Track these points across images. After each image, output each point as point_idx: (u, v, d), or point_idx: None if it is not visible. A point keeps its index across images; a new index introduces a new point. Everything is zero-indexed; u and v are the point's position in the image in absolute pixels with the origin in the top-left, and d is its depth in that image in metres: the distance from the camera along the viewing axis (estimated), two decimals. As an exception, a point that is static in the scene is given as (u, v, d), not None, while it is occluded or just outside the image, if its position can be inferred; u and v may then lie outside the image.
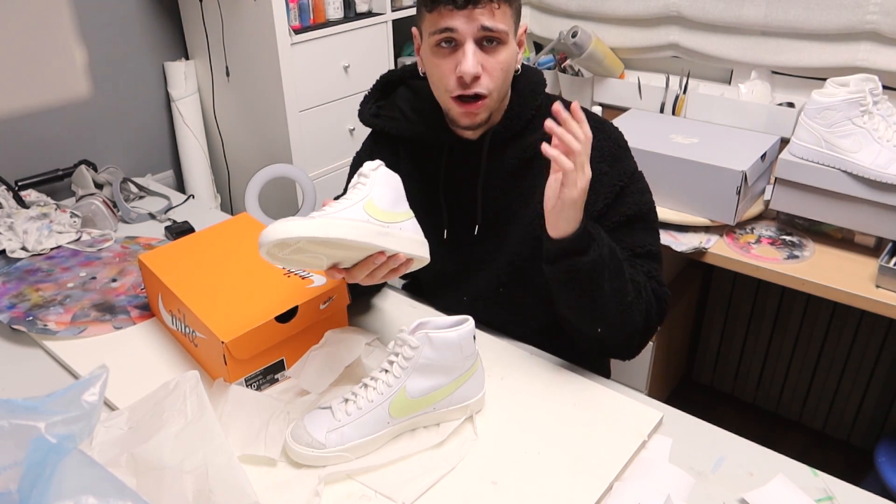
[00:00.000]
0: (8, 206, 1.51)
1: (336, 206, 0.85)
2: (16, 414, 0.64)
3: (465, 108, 0.98)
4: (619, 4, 2.08)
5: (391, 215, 0.88)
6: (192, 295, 1.03)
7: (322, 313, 1.04)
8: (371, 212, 0.86)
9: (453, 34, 0.93)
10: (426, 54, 1.00)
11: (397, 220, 0.89)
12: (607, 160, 1.04)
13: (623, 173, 1.04)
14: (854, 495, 0.84)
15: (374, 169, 0.90)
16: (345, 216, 0.84)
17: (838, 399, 2.03)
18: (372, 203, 0.87)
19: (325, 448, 0.86)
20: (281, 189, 2.00)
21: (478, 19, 0.92)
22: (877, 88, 1.42)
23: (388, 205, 0.88)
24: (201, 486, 0.77)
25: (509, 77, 1.00)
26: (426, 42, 0.98)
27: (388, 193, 0.89)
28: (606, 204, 1.03)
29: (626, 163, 1.06)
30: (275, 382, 1.03)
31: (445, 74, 0.97)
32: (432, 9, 0.93)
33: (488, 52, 0.95)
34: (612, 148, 1.06)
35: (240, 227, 1.23)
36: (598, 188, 1.03)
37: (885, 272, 1.37)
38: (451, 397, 0.91)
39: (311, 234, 0.79)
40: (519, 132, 1.06)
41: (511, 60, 0.98)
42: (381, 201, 0.88)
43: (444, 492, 0.84)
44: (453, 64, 0.95)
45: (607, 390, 0.99)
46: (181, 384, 0.88)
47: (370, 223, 0.85)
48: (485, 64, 0.95)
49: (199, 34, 1.98)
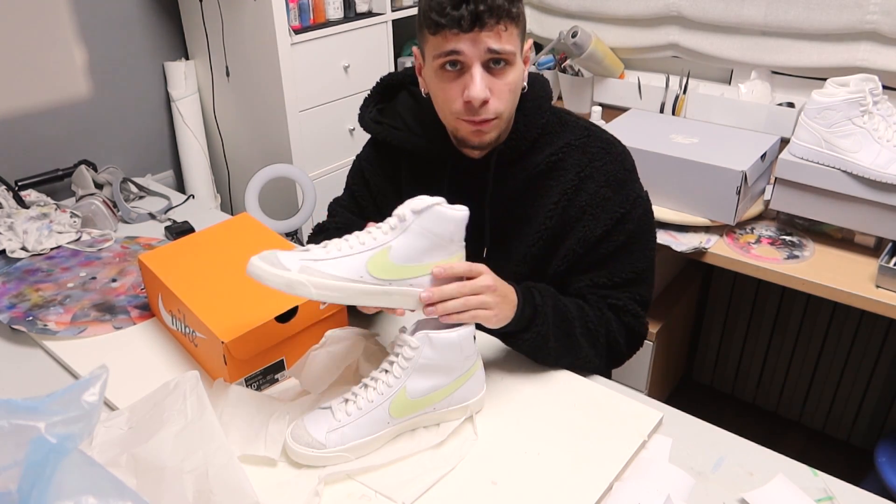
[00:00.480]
0: (8, 206, 1.51)
1: (343, 248, 0.82)
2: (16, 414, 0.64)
3: (475, 126, 0.96)
4: (619, 4, 2.08)
5: (406, 270, 0.83)
6: (191, 295, 1.03)
7: (322, 313, 1.04)
8: (376, 265, 0.82)
9: (459, 57, 0.91)
10: (430, 77, 0.97)
11: (410, 276, 0.84)
12: (611, 185, 1.03)
13: (626, 199, 1.03)
14: (854, 495, 0.84)
15: (419, 211, 0.82)
16: (333, 271, 0.80)
17: (838, 399, 2.03)
18: (384, 255, 0.82)
19: (325, 448, 0.86)
20: (281, 189, 2.00)
21: (484, 42, 0.89)
22: (877, 88, 1.42)
23: (413, 256, 0.83)
24: (201, 486, 0.77)
25: (517, 97, 0.98)
26: (430, 65, 0.95)
27: (421, 243, 0.83)
28: (606, 230, 1.02)
29: (630, 188, 1.04)
30: (275, 382, 1.03)
31: (452, 98, 0.94)
32: (436, 32, 0.90)
33: (496, 75, 0.93)
34: (618, 172, 1.03)
35: (240, 227, 1.23)
36: (599, 214, 1.02)
37: (885, 272, 1.37)
38: (452, 397, 0.91)
39: (278, 288, 0.79)
40: (524, 153, 1.05)
41: (519, 80, 0.96)
42: (401, 252, 0.82)
43: (443, 492, 0.84)
44: (460, 88, 0.93)
45: (607, 390, 0.99)
46: (181, 384, 0.88)
47: (361, 283, 0.81)
48: (492, 87, 0.93)
49: (199, 34, 1.98)
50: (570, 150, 1.04)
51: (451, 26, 0.88)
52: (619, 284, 1.05)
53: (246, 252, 1.13)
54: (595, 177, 1.03)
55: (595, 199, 1.02)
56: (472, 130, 0.97)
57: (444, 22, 0.88)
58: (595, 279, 1.05)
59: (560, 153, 1.04)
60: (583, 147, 1.04)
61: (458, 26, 0.88)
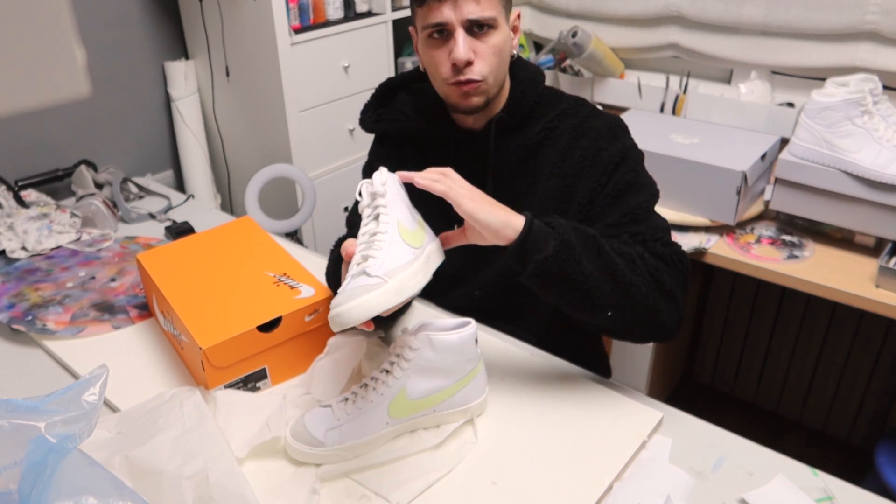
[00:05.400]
0: (8, 206, 1.51)
1: (379, 253, 0.79)
2: (16, 414, 0.64)
3: (462, 89, 1.00)
4: (619, 4, 2.08)
5: (418, 235, 0.84)
6: (180, 298, 1.03)
7: (307, 325, 1.03)
8: (408, 240, 0.82)
9: (443, 25, 0.96)
10: (422, 48, 1.03)
11: (424, 242, 0.84)
12: (606, 137, 1.05)
13: (622, 147, 1.05)
14: (854, 495, 0.84)
15: (384, 183, 0.84)
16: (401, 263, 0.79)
17: (838, 399, 2.03)
18: (403, 228, 0.82)
19: (323, 446, 0.86)
20: (281, 189, 2.00)
21: (463, 9, 0.95)
22: (877, 88, 1.42)
23: (409, 221, 0.84)
24: (202, 492, 0.77)
25: (504, 61, 1.02)
26: (420, 36, 1.02)
27: (402, 207, 0.85)
28: (608, 174, 1.04)
29: (623, 139, 1.07)
30: (256, 391, 1.02)
31: (440, 63, 0.99)
32: (421, 4, 0.97)
33: (479, 38, 0.97)
34: (612, 127, 1.07)
35: (241, 231, 1.22)
36: (597, 162, 1.04)
37: (885, 272, 1.37)
38: (452, 400, 0.91)
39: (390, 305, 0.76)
40: (523, 120, 1.08)
41: (504, 44, 1.00)
42: (405, 220, 0.84)
43: (444, 492, 0.84)
44: (447, 52, 0.98)
45: (607, 390, 0.99)
46: (178, 394, 0.88)
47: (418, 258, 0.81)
48: (476, 49, 0.97)
49: (199, 34, 1.98)
50: (564, 118, 1.08)
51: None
52: (632, 220, 1.00)
53: (243, 257, 1.13)
54: (588, 133, 1.06)
55: (591, 151, 1.04)
56: (461, 94, 1.00)
57: None
58: (607, 221, 1.01)
59: (556, 121, 1.08)
60: (575, 113, 1.08)
61: None
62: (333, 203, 2.10)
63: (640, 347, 1.82)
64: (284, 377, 1.04)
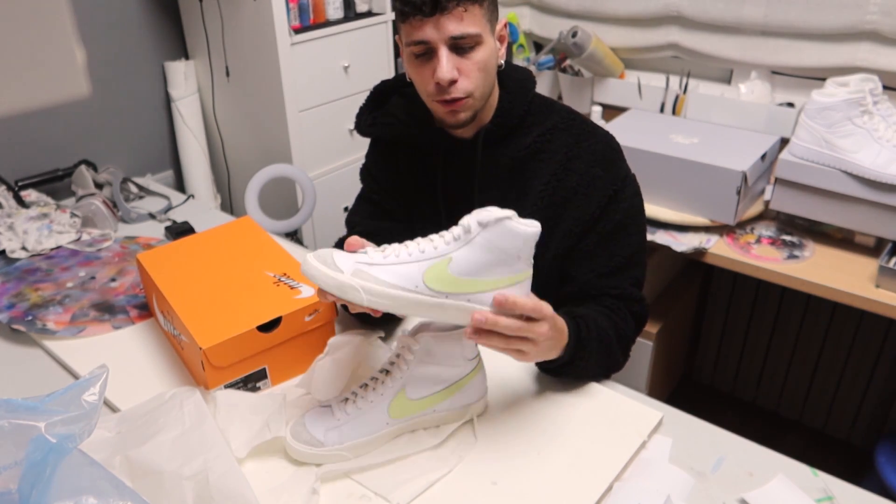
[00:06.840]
0: (8, 206, 1.51)
1: (401, 255, 0.79)
2: (16, 414, 0.64)
3: (447, 107, 0.99)
4: (619, 4, 2.07)
5: (466, 284, 0.78)
6: (180, 298, 1.03)
7: (307, 325, 1.03)
8: (433, 276, 0.77)
9: (426, 43, 0.95)
10: (407, 63, 1.02)
11: (469, 291, 0.78)
12: (601, 164, 1.05)
13: (616, 177, 1.05)
14: (854, 495, 0.84)
15: (486, 224, 0.77)
16: (387, 278, 0.77)
17: (838, 399, 2.03)
18: (443, 267, 0.77)
19: (323, 446, 0.86)
20: (281, 189, 2.00)
21: (446, 26, 0.93)
22: (877, 88, 1.42)
23: (475, 270, 0.78)
24: (202, 492, 0.77)
25: (490, 74, 1.01)
26: (405, 51, 1.01)
27: (485, 257, 0.78)
28: (601, 208, 1.04)
29: (619, 166, 1.07)
30: (256, 391, 1.02)
31: (425, 81, 0.99)
32: (404, 20, 0.96)
33: (463, 55, 0.96)
34: (606, 151, 1.06)
35: (241, 231, 1.22)
36: (591, 192, 1.04)
37: (885, 272, 1.37)
38: (452, 400, 0.91)
39: (329, 290, 0.77)
40: (512, 130, 1.07)
41: (489, 58, 0.99)
42: (462, 265, 0.78)
43: (444, 492, 0.84)
44: (431, 70, 0.97)
45: (607, 390, 0.99)
46: (178, 394, 0.88)
47: (415, 293, 0.77)
48: (460, 67, 0.96)
49: (199, 34, 1.98)
50: (557, 133, 1.07)
51: (414, 13, 0.94)
52: (618, 268, 1.05)
53: (244, 257, 1.14)
54: (583, 157, 1.05)
55: (585, 178, 1.04)
56: (447, 111, 1.00)
57: (408, 10, 0.94)
58: (596, 267, 1.05)
59: (548, 135, 1.07)
60: (569, 129, 1.07)
61: (421, 12, 0.93)
62: (333, 203, 2.10)
63: (640, 347, 1.82)
64: (284, 377, 1.04)
